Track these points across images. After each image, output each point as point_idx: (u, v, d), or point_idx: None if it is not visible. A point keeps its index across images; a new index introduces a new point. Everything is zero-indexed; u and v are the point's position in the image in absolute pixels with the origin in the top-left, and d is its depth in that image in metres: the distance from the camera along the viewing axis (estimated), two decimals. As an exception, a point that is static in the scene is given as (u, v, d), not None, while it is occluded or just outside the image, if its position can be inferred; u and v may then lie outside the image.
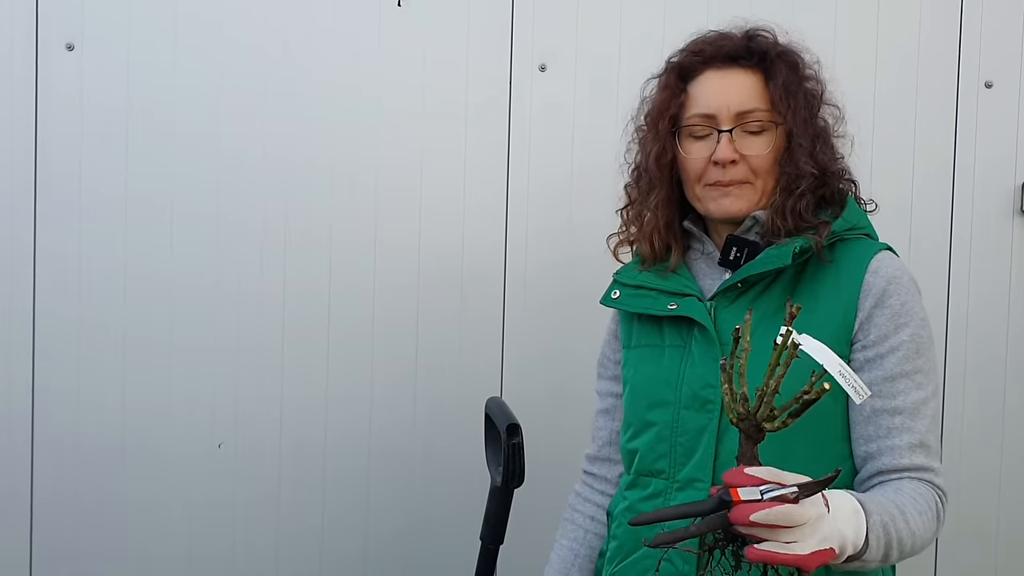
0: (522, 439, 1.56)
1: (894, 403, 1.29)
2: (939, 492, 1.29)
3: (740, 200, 1.37)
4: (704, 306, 1.38)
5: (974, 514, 2.22)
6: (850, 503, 1.16)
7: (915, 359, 1.30)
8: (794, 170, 1.35)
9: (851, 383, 1.16)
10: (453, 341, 2.13)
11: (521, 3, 2.11)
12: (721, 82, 1.38)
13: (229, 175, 2.06)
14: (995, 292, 2.22)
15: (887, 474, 1.29)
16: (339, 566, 2.12)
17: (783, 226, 1.34)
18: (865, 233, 1.39)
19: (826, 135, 1.39)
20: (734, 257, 1.38)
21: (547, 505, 1.83)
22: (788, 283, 1.35)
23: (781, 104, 1.35)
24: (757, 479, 1.05)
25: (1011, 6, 2.19)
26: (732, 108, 1.36)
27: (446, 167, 2.11)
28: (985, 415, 2.22)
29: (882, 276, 1.31)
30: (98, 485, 2.06)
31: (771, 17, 1.44)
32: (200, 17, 2.04)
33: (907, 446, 1.28)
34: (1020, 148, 2.20)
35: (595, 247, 2.10)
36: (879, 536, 1.17)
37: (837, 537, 1.09)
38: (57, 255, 2.03)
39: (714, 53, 1.39)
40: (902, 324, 1.30)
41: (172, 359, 2.06)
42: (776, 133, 1.36)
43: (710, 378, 1.34)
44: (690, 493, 1.34)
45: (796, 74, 1.38)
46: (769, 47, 1.38)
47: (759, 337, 1.32)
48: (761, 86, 1.37)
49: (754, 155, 1.36)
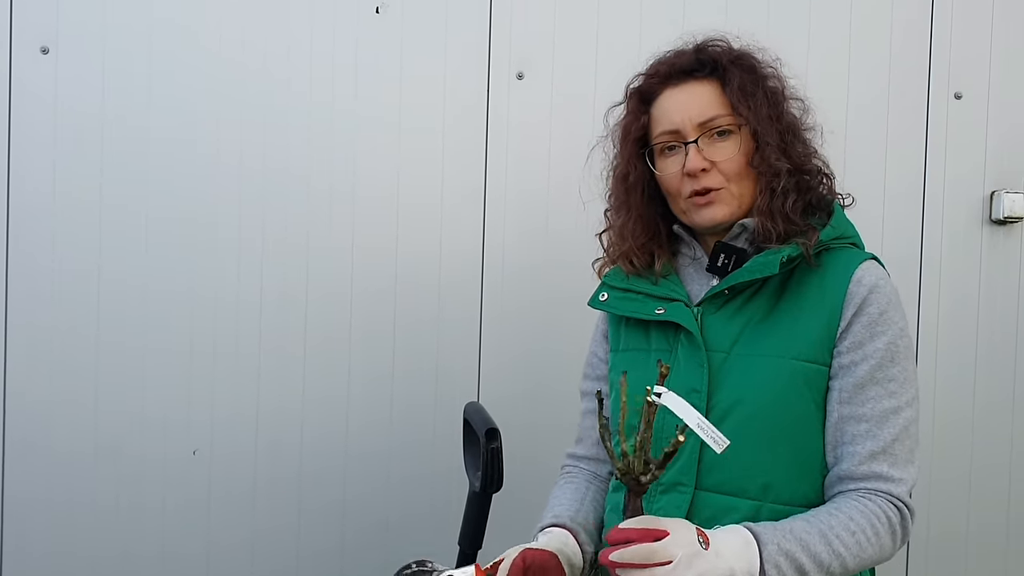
0: (501, 444, 1.56)
1: (862, 410, 1.30)
2: (897, 505, 1.28)
3: (722, 207, 1.38)
4: (691, 312, 1.39)
5: (945, 517, 2.25)
6: (740, 537, 1.19)
7: (889, 368, 1.30)
8: (767, 168, 1.36)
9: (709, 435, 1.19)
10: (430, 345, 2.13)
11: (499, 12, 2.12)
12: (680, 97, 1.40)
13: (204, 182, 2.05)
14: (965, 300, 2.26)
15: (846, 481, 1.30)
16: (316, 562, 2.12)
17: (773, 229, 1.35)
18: (852, 243, 1.41)
19: (795, 129, 1.41)
20: (722, 264, 1.39)
21: (525, 508, 1.83)
22: (774, 291, 1.36)
23: (741, 105, 1.37)
24: (629, 531, 1.13)
25: (980, 18, 2.24)
26: (694, 119, 1.37)
27: (424, 173, 2.12)
28: (955, 420, 2.26)
29: (864, 285, 1.32)
30: (70, 488, 2.04)
31: (744, 29, 1.46)
32: (176, 24, 2.04)
33: (868, 454, 1.29)
34: (989, 158, 2.25)
35: (571, 252, 2.13)
36: (778, 564, 1.19)
37: (721, 571, 1.14)
38: (30, 260, 2.01)
39: (669, 72, 1.41)
40: (878, 332, 1.30)
41: (146, 363, 2.05)
42: (742, 135, 1.37)
43: (695, 383, 1.35)
44: (673, 496, 1.35)
45: (753, 75, 1.40)
46: (721, 54, 1.41)
47: (743, 344, 1.35)
48: (718, 93, 1.39)
49: (723, 160, 1.37)
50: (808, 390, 1.32)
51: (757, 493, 1.31)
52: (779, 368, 1.31)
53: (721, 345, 1.35)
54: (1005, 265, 2.27)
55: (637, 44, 2.14)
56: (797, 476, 1.32)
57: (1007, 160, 2.26)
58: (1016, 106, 2.26)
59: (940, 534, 2.25)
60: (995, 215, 2.25)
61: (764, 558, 1.19)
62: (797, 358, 1.31)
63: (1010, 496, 2.29)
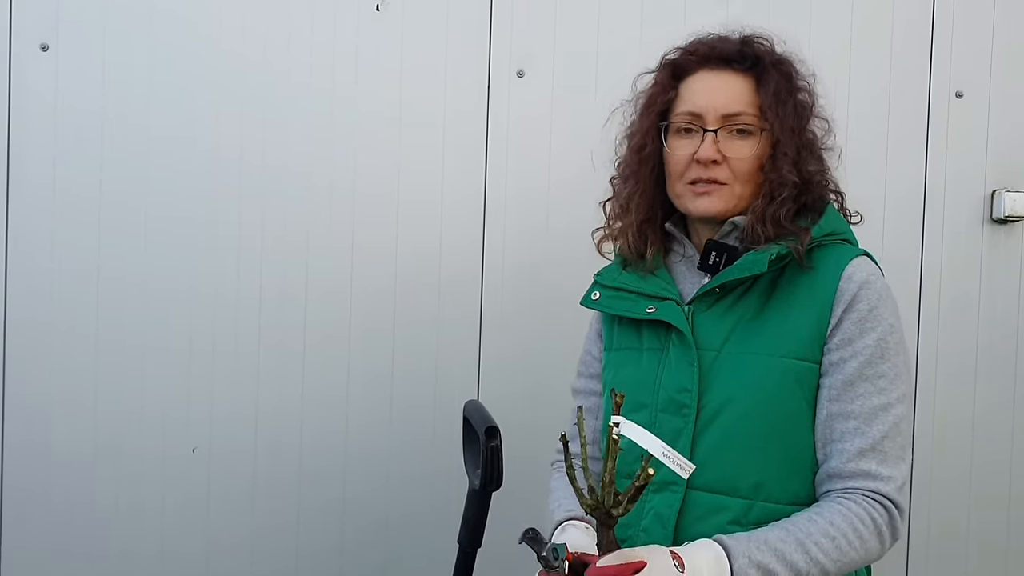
0: (500, 442, 1.56)
1: (850, 407, 1.29)
2: (884, 504, 1.27)
3: (718, 201, 1.37)
4: (682, 310, 1.39)
5: (945, 516, 2.25)
6: (712, 552, 1.20)
7: (878, 364, 1.29)
8: (777, 177, 1.35)
9: (675, 462, 1.21)
10: (430, 343, 2.13)
11: (499, 9, 2.12)
12: (712, 83, 1.38)
13: (205, 178, 2.05)
14: (966, 299, 2.26)
15: (834, 479, 1.30)
16: (315, 561, 2.12)
17: (763, 232, 1.35)
18: (844, 239, 1.40)
19: (812, 146, 1.40)
20: (713, 262, 1.39)
21: (525, 507, 1.83)
22: (765, 288, 1.36)
23: (770, 111, 1.36)
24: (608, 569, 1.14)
25: (981, 17, 2.24)
26: (720, 109, 1.36)
27: (424, 171, 2.12)
28: (956, 418, 2.26)
29: (855, 281, 1.31)
30: (69, 486, 2.04)
31: (745, 27, 1.45)
32: (176, 19, 2.03)
33: (856, 451, 1.28)
34: (990, 157, 2.24)
35: (572, 250, 2.12)
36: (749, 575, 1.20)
37: None
38: (30, 257, 2.01)
39: (708, 53, 1.40)
40: (868, 329, 1.30)
41: (145, 361, 2.04)
42: (761, 139, 1.37)
43: (686, 382, 1.35)
44: (665, 495, 1.34)
45: (789, 83, 1.39)
46: (765, 53, 1.39)
47: (733, 343, 1.34)
48: (752, 91, 1.38)
49: (737, 158, 1.36)
50: (799, 388, 1.31)
51: (748, 492, 1.31)
52: (770, 366, 1.31)
53: (712, 344, 1.35)
54: (1006, 264, 2.27)
55: (638, 41, 2.14)
56: (788, 475, 1.32)
57: (1008, 159, 2.26)
58: (1017, 105, 2.26)
59: (940, 533, 2.25)
60: (996, 214, 2.24)
61: (735, 572, 1.19)
62: (788, 356, 1.31)
63: (1011, 495, 2.29)
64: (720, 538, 1.23)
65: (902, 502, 1.29)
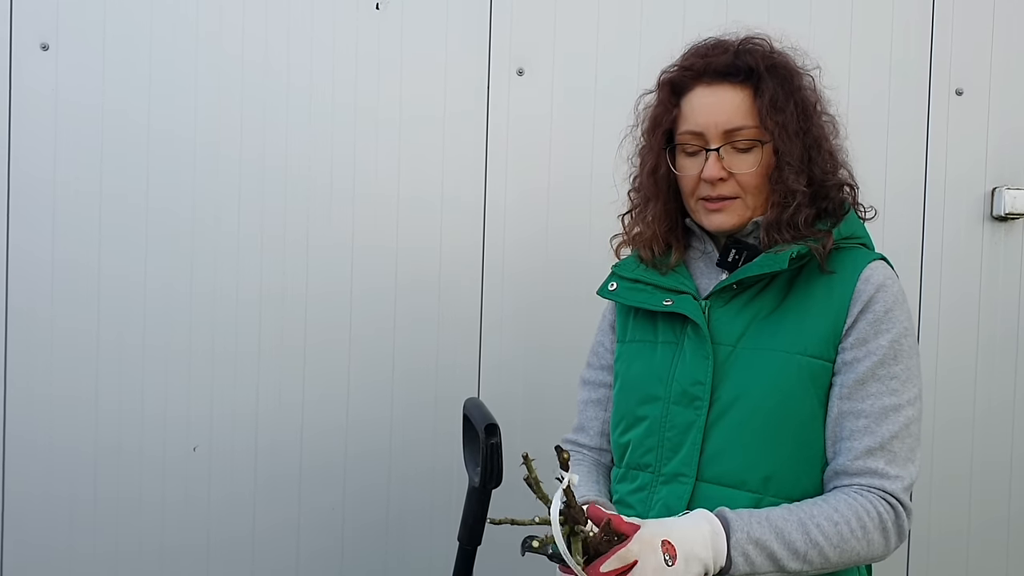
0: (500, 439, 1.56)
1: (861, 406, 1.30)
2: (891, 502, 1.28)
3: (731, 216, 1.39)
4: (699, 304, 1.39)
5: (946, 514, 2.25)
6: (709, 526, 1.21)
7: (891, 365, 1.30)
8: (783, 187, 1.36)
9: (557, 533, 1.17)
10: (431, 343, 2.13)
11: (499, 8, 2.12)
12: (710, 99, 1.38)
13: (205, 177, 2.05)
14: (966, 297, 2.26)
15: (841, 476, 1.30)
16: (315, 560, 2.12)
17: (779, 238, 1.36)
18: (862, 243, 1.41)
19: (820, 142, 1.39)
20: (732, 259, 1.40)
21: (525, 504, 1.83)
22: (782, 287, 1.36)
23: (768, 121, 1.35)
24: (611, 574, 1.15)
25: (981, 14, 2.24)
26: (720, 126, 1.36)
27: (424, 170, 2.12)
28: (956, 417, 2.26)
29: (872, 283, 1.32)
30: (70, 484, 2.04)
31: (746, 27, 1.44)
32: (177, 18, 2.04)
33: (864, 449, 1.28)
34: (991, 154, 2.24)
35: (572, 249, 2.12)
36: (746, 552, 1.20)
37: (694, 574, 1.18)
38: (30, 255, 2.01)
39: (704, 68, 1.39)
40: (883, 330, 1.31)
41: (145, 359, 2.04)
42: (764, 150, 1.37)
43: (700, 375, 1.35)
44: (674, 487, 1.35)
45: (787, 85, 1.38)
46: (758, 60, 1.38)
47: (749, 338, 1.35)
48: (749, 101, 1.37)
49: (742, 172, 1.37)
50: (813, 386, 1.32)
51: (758, 486, 1.31)
52: (784, 363, 1.32)
53: (727, 339, 1.36)
54: (1006, 262, 2.27)
55: (637, 40, 2.14)
56: (798, 470, 1.33)
57: (1008, 156, 2.26)
58: (1017, 102, 2.26)
59: (941, 531, 2.25)
60: (996, 212, 2.24)
61: (731, 545, 1.20)
62: (803, 353, 1.32)
63: (1011, 494, 2.29)
64: (722, 511, 1.24)
65: (909, 503, 1.30)
